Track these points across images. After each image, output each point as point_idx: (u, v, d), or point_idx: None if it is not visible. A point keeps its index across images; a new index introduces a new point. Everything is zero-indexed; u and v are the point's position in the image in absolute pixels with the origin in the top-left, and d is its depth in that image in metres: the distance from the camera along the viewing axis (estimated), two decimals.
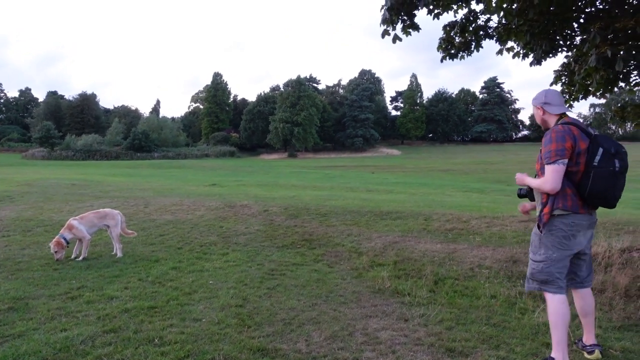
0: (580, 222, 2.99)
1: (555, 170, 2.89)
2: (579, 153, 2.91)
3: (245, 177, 29.66)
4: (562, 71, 7.08)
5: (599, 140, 2.91)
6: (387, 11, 5.51)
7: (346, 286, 4.97)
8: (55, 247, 5.92)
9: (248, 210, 10.00)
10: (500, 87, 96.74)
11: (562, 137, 2.92)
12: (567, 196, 2.95)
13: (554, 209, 2.98)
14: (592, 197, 2.92)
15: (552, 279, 3.02)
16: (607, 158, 2.86)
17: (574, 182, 2.95)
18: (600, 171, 2.85)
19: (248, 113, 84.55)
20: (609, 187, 2.88)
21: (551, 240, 3.01)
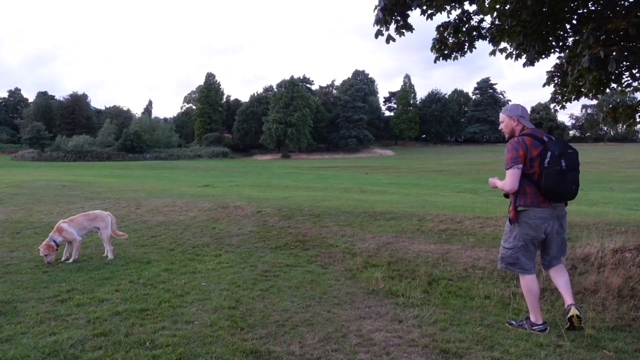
0: (542, 215, 3.59)
1: (512, 174, 3.58)
2: (532, 159, 3.55)
3: (238, 178, 29.55)
4: (554, 72, 7.11)
5: (548, 145, 3.55)
6: (381, 11, 5.50)
7: (340, 287, 4.95)
8: (45, 250, 5.83)
9: (241, 211, 9.94)
10: (493, 88, 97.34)
11: (516, 148, 3.60)
12: (527, 194, 3.59)
13: (517, 206, 3.64)
14: (548, 192, 3.53)
15: (518, 262, 3.72)
16: (554, 159, 3.47)
17: (533, 182, 3.57)
18: (550, 171, 3.47)
19: (241, 114, 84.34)
20: (559, 183, 3.47)
21: (518, 232, 3.68)
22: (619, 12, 5.32)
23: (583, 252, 5.72)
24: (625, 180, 26.78)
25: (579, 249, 5.84)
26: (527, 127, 3.77)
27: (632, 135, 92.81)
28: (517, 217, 3.66)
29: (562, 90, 7.16)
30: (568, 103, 7.28)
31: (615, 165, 40.19)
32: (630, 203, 13.86)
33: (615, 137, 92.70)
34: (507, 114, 3.88)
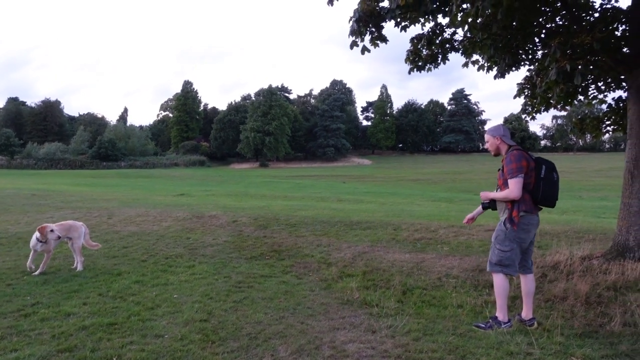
0: (533, 222, 4.02)
1: (517, 182, 3.88)
2: (531, 169, 3.93)
3: (215, 186, 29.26)
4: (524, 84, 7.31)
5: (540, 160, 4.01)
6: (355, 23, 5.56)
7: (314, 298, 4.91)
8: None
9: (216, 220, 9.82)
10: (468, 99, 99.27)
11: (519, 159, 3.92)
12: (526, 201, 3.95)
13: (520, 212, 3.93)
14: (543, 200, 3.96)
15: (513, 264, 4.02)
16: (549, 171, 3.95)
17: (529, 190, 3.94)
18: (546, 181, 3.92)
19: (219, 122, 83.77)
20: (552, 191, 3.96)
21: (515, 235, 3.97)
22: (584, 27, 5.51)
23: (553, 259, 5.84)
24: (593, 188, 27.64)
25: (549, 257, 5.96)
26: (510, 144, 4.14)
27: (600, 145, 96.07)
28: (519, 221, 3.95)
29: (532, 101, 7.37)
30: (538, 114, 7.48)
31: (584, 174, 41.44)
32: (598, 211, 14.28)
33: (584, 147, 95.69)
34: (491, 134, 4.22)
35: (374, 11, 5.54)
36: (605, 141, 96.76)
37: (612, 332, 3.82)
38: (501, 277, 4.05)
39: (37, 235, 5.82)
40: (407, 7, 5.34)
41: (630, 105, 5.76)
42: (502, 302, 4.03)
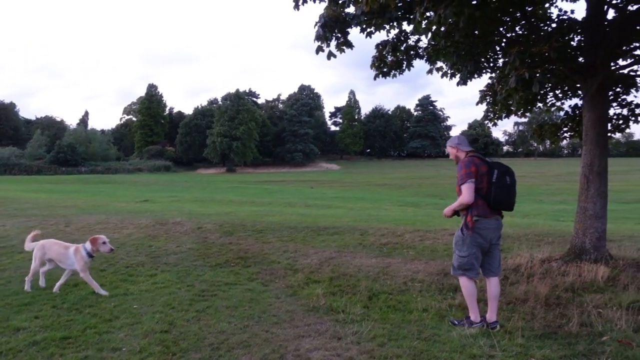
0: (490, 225, 4.09)
1: (468, 187, 4.02)
2: (482, 174, 4.03)
3: (180, 192, 28.64)
4: (486, 91, 7.49)
5: (493, 165, 4.10)
6: (321, 28, 5.56)
7: (280, 305, 4.84)
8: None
9: (181, 227, 9.58)
10: (434, 105, 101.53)
11: (468, 165, 4.06)
12: (479, 206, 4.05)
13: (473, 216, 4.05)
14: (496, 204, 4.05)
15: (473, 267, 4.14)
16: (501, 175, 4.04)
17: (482, 195, 4.04)
18: (498, 185, 4.01)
19: (184, 126, 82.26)
20: (505, 195, 4.04)
21: (471, 240, 4.08)
22: (542, 37, 5.71)
23: (514, 262, 5.99)
24: (553, 192, 28.67)
25: (510, 260, 6.10)
26: (467, 150, 4.28)
27: (559, 151, 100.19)
28: (473, 226, 4.07)
29: (494, 108, 7.55)
30: (499, 120, 7.68)
31: (545, 178, 42.99)
32: (557, 214, 14.79)
33: (544, 153, 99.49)
34: (449, 144, 4.42)
35: (339, 17, 5.56)
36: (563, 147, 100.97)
37: (570, 332, 3.92)
38: (465, 279, 4.17)
39: (86, 248, 5.22)
40: (372, 14, 5.38)
41: (585, 113, 5.99)
42: (471, 303, 4.16)
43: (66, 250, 5.32)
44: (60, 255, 5.33)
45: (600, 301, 4.59)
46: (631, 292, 4.78)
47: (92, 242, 5.23)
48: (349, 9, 5.62)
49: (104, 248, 5.27)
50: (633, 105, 6.96)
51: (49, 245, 5.44)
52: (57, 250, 5.37)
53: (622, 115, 7.01)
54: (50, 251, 5.39)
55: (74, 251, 5.26)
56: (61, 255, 5.33)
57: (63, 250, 5.35)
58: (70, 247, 5.33)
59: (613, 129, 7.12)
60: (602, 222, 5.84)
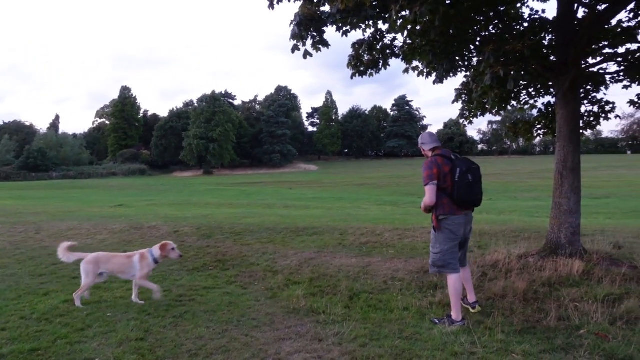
0: (458, 221, 4.21)
1: (429, 189, 4.15)
2: (445, 174, 4.14)
3: (156, 196, 28.15)
4: (462, 90, 7.56)
5: (456, 163, 4.17)
6: (296, 26, 5.50)
7: (260, 308, 4.75)
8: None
9: (157, 231, 9.38)
10: (410, 105, 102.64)
11: (430, 167, 4.17)
12: (444, 205, 4.17)
13: (438, 215, 4.20)
14: (460, 201, 4.15)
15: (447, 264, 4.21)
16: (463, 174, 4.10)
17: (448, 194, 4.14)
18: (460, 184, 4.09)
19: (160, 129, 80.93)
20: (468, 193, 4.13)
21: (442, 237, 4.21)
22: (515, 35, 5.78)
23: (492, 259, 6.04)
24: (527, 189, 29.27)
25: (488, 256, 6.16)
26: (435, 147, 4.40)
27: (532, 148, 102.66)
28: (439, 225, 4.20)
29: (469, 106, 7.63)
30: (475, 119, 7.76)
31: (519, 176, 43.91)
32: (531, 210, 15.08)
33: (517, 151, 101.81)
34: (419, 143, 4.55)
35: (314, 15, 5.51)
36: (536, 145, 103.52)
37: (548, 327, 3.96)
38: (452, 277, 4.21)
39: (154, 254, 5.06)
40: (347, 12, 5.36)
41: (558, 110, 6.09)
42: (456, 301, 4.19)
43: (130, 259, 5.05)
44: (123, 266, 5.02)
45: (576, 295, 4.66)
46: (605, 285, 4.87)
47: (161, 248, 5.07)
48: (324, 7, 5.58)
49: (174, 254, 5.15)
50: (603, 102, 7.14)
51: (105, 258, 5.09)
52: (119, 262, 5.05)
53: (592, 113, 7.18)
54: (109, 264, 5.04)
55: (139, 258, 5.03)
56: (124, 266, 5.02)
57: (126, 260, 5.06)
58: (134, 255, 5.08)
59: (585, 126, 7.28)
60: (576, 217, 5.94)
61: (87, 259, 4.99)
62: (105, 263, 5.02)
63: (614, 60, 6.40)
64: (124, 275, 5.08)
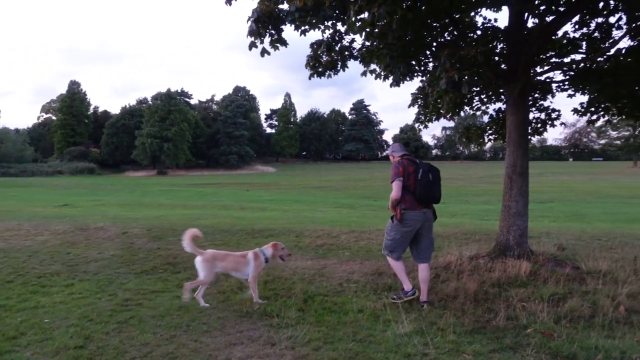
0: (415, 217, 4.73)
1: (395, 184, 4.69)
2: (409, 174, 4.70)
3: (105, 196, 26.98)
4: (418, 94, 7.69)
5: (419, 165, 4.78)
6: (254, 23, 5.39)
7: (211, 312, 4.58)
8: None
9: (104, 233, 8.94)
10: (367, 109, 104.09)
11: (396, 166, 4.76)
12: (406, 201, 4.71)
13: (401, 209, 4.71)
14: (421, 198, 4.69)
15: (395, 250, 4.84)
16: (425, 174, 4.69)
17: (411, 191, 4.70)
18: (422, 182, 4.67)
19: (111, 126, 77.77)
20: (428, 190, 4.69)
21: (399, 228, 4.76)
22: (469, 42, 5.92)
23: (445, 260, 6.15)
24: (478, 193, 30.31)
25: (441, 258, 6.27)
26: (403, 154, 4.93)
27: (483, 154, 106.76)
28: (401, 217, 4.70)
29: (425, 111, 7.77)
30: (430, 123, 7.91)
31: (470, 180, 45.44)
32: (482, 214, 15.59)
33: (469, 156, 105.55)
34: (389, 152, 5.09)
35: (273, 12, 5.41)
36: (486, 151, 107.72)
37: (497, 327, 4.04)
38: (392, 262, 4.89)
39: (266, 254, 5.02)
40: (306, 11, 5.30)
41: (508, 116, 6.30)
42: (402, 276, 4.84)
43: (244, 258, 5.00)
44: (240, 265, 4.97)
45: (524, 295, 4.81)
46: (550, 285, 5.06)
47: (274, 247, 5.09)
48: (283, 5, 5.49)
49: (284, 253, 5.20)
50: (549, 110, 7.47)
51: (221, 256, 5.03)
52: (236, 260, 5.00)
53: (540, 119, 7.50)
54: (225, 261, 4.97)
55: (253, 257, 4.99)
56: (241, 264, 4.97)
57: (242, 258, 5.00)
58: (248, 254, 5.04)
59: (532, 132, 7.59)
60: (524, 220, 6.16)
61: (205, 256, 4.91)
62: (222, 261, 4.97)
63: (560, 69, 6.71)
64: (238, 273, 5.02)
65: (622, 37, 5.56)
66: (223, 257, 5.01)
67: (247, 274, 4.96)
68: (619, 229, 10.03)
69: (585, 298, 4.65)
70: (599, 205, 20.57)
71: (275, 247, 5.10)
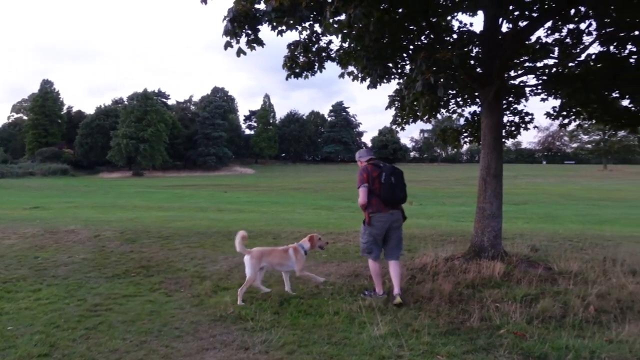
0: (383, 219, 4.92)
1: (361, 191, 4.92)
2: (373, 178, 4.91)
3: (78, 198, 26.34)
4: (395, 96, 7.72)
5: (383, 169, 4.97)
6: (229, 22, 5.31)
7: (184, 317, 4.49)
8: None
9: (75, 236, 8.70)
10: (346, 111, 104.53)
11: (361, 173, 5.00)
12: (373, 204, 4.92)
13: (369, 212, 4.93)
14: (386, 200, 4.89)
15: (371, 251, 5.02)
16: (387, 177, 4.89)
17: (377, 194, 4.90)
18: (385, 185, 4.87)
19: (85, 127, 75.93)
20: (392, 193, 4.89)
21: (370, 231, 4.98)
22: (445, 45, 5.98)
23: (421, 262, 6.18)
24: (454, 195, 30.77)
25: (417, 260, 6.30)
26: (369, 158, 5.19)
27: (459, 157, 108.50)
28: (370, 220, 4.92)
29: (402, 113, 7.82)
30: (407, 125, 7.96)
31: (447, 182, 46.08)
32: (458, 215, 15.80)
33: (446, 159, 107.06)
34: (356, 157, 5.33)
35: (249, 12, 5.35)
36: (463, 153, 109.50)
37: (471, 328, 4.07)
38: (371, 263, 5.02)
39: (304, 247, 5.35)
40: (282, 12, 5.26)
41: (483, 119, 6.38)
42: (376, 279, 5.02)
43: (287, 252, 5.30)
44: (284, 259, 5.27)
45: (497, 296, 4.86)
46: (523, 286, 5.13)
47: (310, 240, 5.40)
48: (259, 5, 5.43)
49: (322, 243, 5.55)
50: (523, 113, 7.61)
51: (267, 252, 5.32)
52: (279, 255, 5.29)
53: (514, 123, 7.62)
54: (270, 257, 5.25)
55: (294, 252, 5.28)
56: (284, 259, 5.27)
57: (284, 253, 5.31)
58: (289, 249, 5.32)
59: (507, 135, 7.71)
60: (498, 222, 6.24)
61: (252, 253, 5.16)
62: (267, 256, 5.25)
63: (534, 73, 6.84)
64: (282, 267, 5.30)
65: (592, 43, 5.70)
66: (269, 253, 5.31)
67: (290, 267, 5.28)
68: (589, 230, 10.29)
69: (556, 298, 4.72)
70: (571, 207, 21.12)
71: (312, 240, 5.44)
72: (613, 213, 16.72)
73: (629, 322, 4.01)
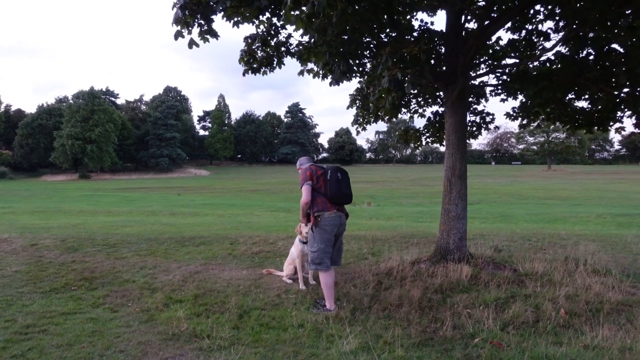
0: (332, 221, 4.72)
1: (305, 189, 4.74)
2: (318, 177, 4.81)
3: (17, 202, 24.53)
4: (356, 95, 7.48)
5: (327, 168, 4.90)
6: (180, 10, 4.86)
7: (131, 336, 4.00)
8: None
9: (7, 245, 7.86)
10: (303, 113, 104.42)
11: (304, 172, 4.86)
12: (318, 203, 4.75)
13: (314, 212, 4.72)
14: (333, 197, 4.74)
15: (323, 262, 4.70)
16: (333, 173, 4.81)
17: (322, 193, 4.77)
18: (332, 180, 4.77)
19: (26, 127, 71.39)
20: (338, 188, 4.76)
21: (318, 236, 4.70)
22: (409, 39, 5.78)
23: (386, 266, 5.95)
24: (411, 196, 31.14)
25: (383, 264, 6.06)
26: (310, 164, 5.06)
27: (414, 158, 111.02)
28: (316, 222, 4.71)
29: (363, 112, 7.59)
30: (368, 125, 7.74)
31: (403, 183, 46.75)
32: (417, 216, 15.85)
33: (401, 159, 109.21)
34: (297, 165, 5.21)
35: (202, 0, 4.91)
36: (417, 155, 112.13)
37: (445, 337, 3.85)
38: (323, 275, 4.68)
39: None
40: (239, 1, 4.87)
41: (447, 119, 6.24)
42: (328, 294, 4.68)
43: None
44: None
45: (468, 301, 4.69)
46: (492, 289, 5.00)
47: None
48: None
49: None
50: (484, 113, 7.58)
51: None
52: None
53: (475, 123, 7.57)
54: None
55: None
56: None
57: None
58: None
59: (468, 135, 7.65)
60: (463, 223, 6.12)
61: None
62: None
63: (494, 73, 6.79)
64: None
65: (556, 45, 5.67)
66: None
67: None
68: (543, 229, 10.49)
69: (527, 302, 4.60)
70: (521, 206, 21.80)
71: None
72: (562, 211, 17.34)
73: (601, 326, 3.92)
